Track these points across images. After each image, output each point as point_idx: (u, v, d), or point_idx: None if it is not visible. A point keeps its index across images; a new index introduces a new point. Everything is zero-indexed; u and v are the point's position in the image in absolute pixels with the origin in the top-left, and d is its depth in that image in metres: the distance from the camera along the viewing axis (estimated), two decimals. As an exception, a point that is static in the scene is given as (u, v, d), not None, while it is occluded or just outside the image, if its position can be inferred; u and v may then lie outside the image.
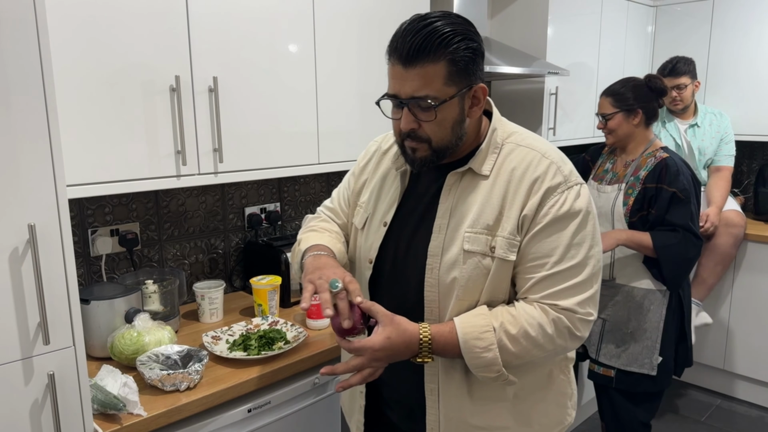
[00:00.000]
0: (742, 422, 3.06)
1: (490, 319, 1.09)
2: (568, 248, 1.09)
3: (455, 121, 1.10)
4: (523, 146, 1.15)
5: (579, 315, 1.10)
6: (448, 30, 1.03)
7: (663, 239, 2.00)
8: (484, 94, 1.11)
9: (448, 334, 1.10)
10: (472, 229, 1.12)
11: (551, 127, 2.92)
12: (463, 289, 1.13)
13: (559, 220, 1.09)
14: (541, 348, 1.10)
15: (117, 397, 1.31)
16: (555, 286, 1.09)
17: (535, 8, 2.83)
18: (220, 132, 1.69)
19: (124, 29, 1.48)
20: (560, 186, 1.10)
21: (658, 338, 2.10)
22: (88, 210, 1.83)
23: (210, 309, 1.89)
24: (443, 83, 1.05)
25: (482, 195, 1.13)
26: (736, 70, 3.28)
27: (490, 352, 1.08)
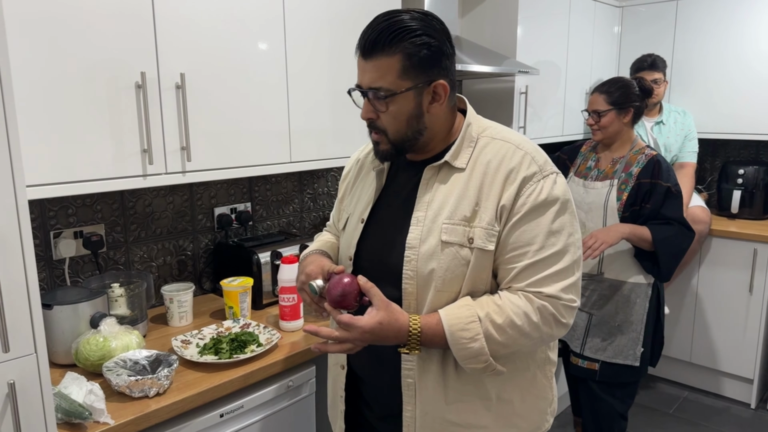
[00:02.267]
0: (708, 413, 3.14)
1: (475, 309, 1.10)
2: (548, 236, 1.11)
3: (411, 115, 1.13)
4: (498, 139, 1.18)
5: (563, 301, 1.12)
6: (405, 26, 1.07)
7: (661, 232, 2.07)
8: (445, 92, 1.13)
9: (435, 326, 1.11)
10: (449, 221, 1.14)
11: (521, 126, 2.94)
12: (441, 280, 1.13)
13: (537, 208, 1.11)
14: (528, 336, 1.11)
15: (82, 405, 1.27)
16: (538, 274, 1.11)
17: (505, 7, 2.85)
18: (188, 130, 1.64)
19: (87, 24, 1.43)
20: (536, 175, 1.12)
21: (642, 330, 2.17)
22: (50, 211, 1.77)
23: (179, 312, 1.84)
24: (397, 76, 1.09)
25: (459, 187, 1.15)
26: (699, 70, 3.35)
27: (476, 342, 1.09)
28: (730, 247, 3.11)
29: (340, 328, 1.10)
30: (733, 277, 3.13)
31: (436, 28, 1.11)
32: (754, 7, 3.13)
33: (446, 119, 1.18)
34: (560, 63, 3.16)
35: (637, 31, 3.56)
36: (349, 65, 2.07)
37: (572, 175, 2.31)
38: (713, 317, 3.22)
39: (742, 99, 3.23)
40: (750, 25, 3.15)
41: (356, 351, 1.14)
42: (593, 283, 2.22)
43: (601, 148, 2.27)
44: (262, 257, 1.99)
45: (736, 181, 3.32)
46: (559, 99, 3.21)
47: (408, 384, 1.21)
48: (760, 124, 3.19)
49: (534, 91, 2.99)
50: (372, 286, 1.13)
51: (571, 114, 3.31)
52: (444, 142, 1.20)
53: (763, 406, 3.17)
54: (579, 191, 2.24)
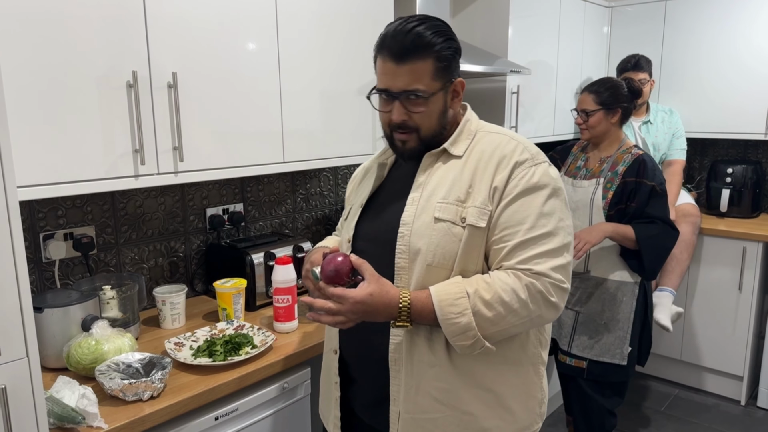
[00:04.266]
0: (699, 410, 3.16)
1: (464, 285, 1.14)
2: (539, 216, 1.16)
3: (440, 112, 1.23)
4: (494, 133, 1.27)
5: (552, 279, 1.14)
6: (434, 31, 1.17)
7: (645, 231, 2.09)
8: (462, 88, 1.24)
9: (425, 299, 1.14)
10: (443, 201, 1.20)
11: (513, 126, 2.95)
12: (432, 255, 1.18)
13: (529, 190, 1.17)
14: (516, 314, 1.13)
15: (75, 410, 1.25)
16: (528, 252, 1.14)
17: (496, 7, 2.85)
18: (180, 130, 1.62)
19: (77, 23, 1.40)
20: (528, 161, 1.19)
21: (629, 329, 2.19)
22: (39, 213, 1.74)
23: (172, 314, 1.82)
24: (431, 78, 1.18)
25: (455, 172, 1.22)
26: (688, 70, 3.38)
27: (464, 317, 1.11)
28: (720, 245, 3.14)
29: (333, 300, 1.14)
30: (722, 275, 3.15)
31: (452, 31, 1.22)
32: (742, 8, 3.15)
33: (457, 113, 1.29)
34: (551, 63, 3.17)
35: (627, 31, 3.59)
36: (343, 65, 2.06)
37: (562, 174, 2.34)
38: (703, 315, 3.25)
39: (730, 98, 3.25)
40: (738, 25, 3.18)
41: (348, 326, 1.16)
42: (580, 281, 2.24)
43: (591, 147, 2.30)
44: (255, 258, 1.98)
45: (724, 180, 3.35)
46: (550, 99, 3.22)
47: (394, 359, 1.23)
48: (747, 123, 3.22)
49: (525, 91, 3.00)
50: (363, 261, 1.17)
51: (562, 114, 3.32)
52: (447, 136, 1.28)
53: (753, 403, 3.20)
54: (568, 190, 2.27)
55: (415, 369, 1.22)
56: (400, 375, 1.24)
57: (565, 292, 1.17)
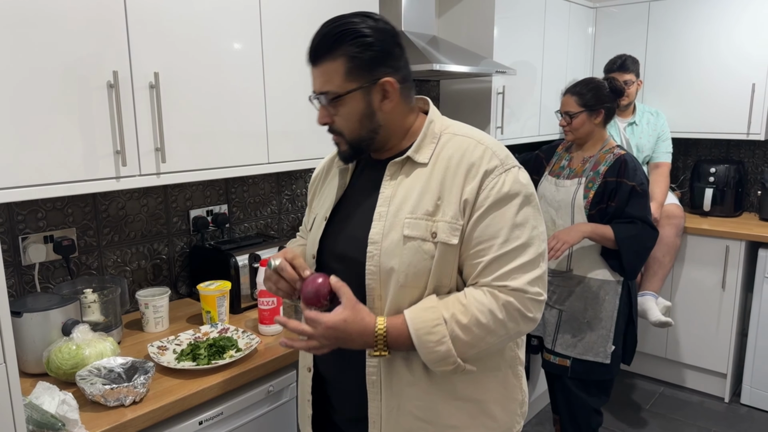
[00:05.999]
0: (684, 408, 3.19)
1: (440, 311, 1.10)
2: (512, 228, 1.11)
3: (363, 115, 1.15)
4: (460, 135, 1.19)
5: (529, 295, 1.11)
6: (344, 29, 1.10)
7: (624, 231, 2.09)
8: (393, 88, 1.14)
9: (401, 326, 1.11)
10: (412, 215, 1.14)
11: (499, 126, 2.96)
12: (404, 275, 1.13)
13: (501, 201, 1.12)
14: (494, 333, 1.11)
15: (55, 416, 1.23)
16: (503, 267, 1.11)
17: (482, 8, 2.86)
18: (163, 130, 1.60)
19: (55, 21, 1.38)
20: (497, 168, 1.13)
21: (612, 327, 2.19)
22: (18, 215, 1.71)
23: (155, 318, 1.80)
24: (342, 79, 1.12)
25: (421, 182, 1.16)
26: (672, 71, 3.41)
27: (443, 345, 1.09)
28: (703, 244, 3.17)
29: (307, 323, 1.12)
30: (706, 273, 3.18)
31: (380, 28, 1.13)
32: (724, 9, 3.19)
33: (403, 117, 1.20)
34: (536, 63, 3.18)
35: (611, 32, 3.61)
36: (327, 65, 2.05)
37: (546, 174, 2.34)
38: (687, 313, 3.28)
39: (713, 99, 3.29)
40: (720, 27, 3.21)
41: (323, 351, 1.14)
42: (562, 279, 2.25)
43: (575, 147, 2.30)
44: (240, 260, 1.96)
45: (707, 179, 3.38)
46: (536, 99, 3.23)
47: (372, 381, 1.20)
48: (730, 123, 3.25)
49: (511, 92, 3.01)
50: (343, 285, 1.14)
51: (547, 114, 3.34)
52: (406, 141, 1.21)
53: (736, 400, 3.24)
54: (551, 189, 2.28)
55: (394, 390, 1.19)
56: (379, 397, 1.20)
57: (542, 304, 1.14)
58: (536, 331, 2.38)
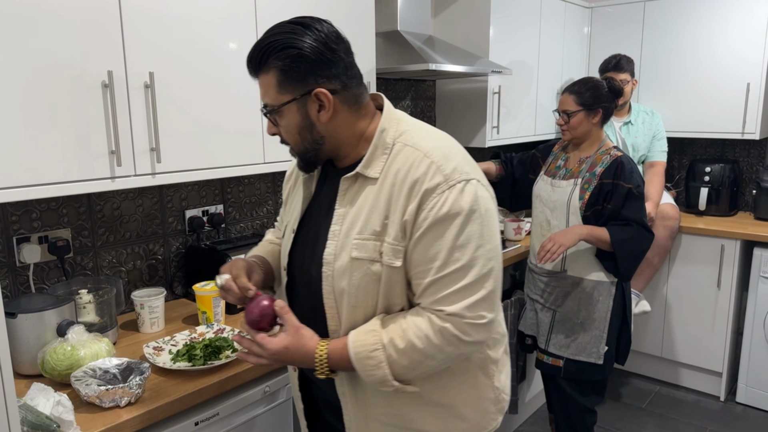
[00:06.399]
0: (680, 407, 3.20)
1: (380, 335, 1.10)
2: (451, 251, 1.07)
3: (301, 127, 1.12)
4: (410, 146, 1.13)
5: (467, 320, 1.08)
6: (272, 41, 1.07)
7: (619, 233, 2.08)
8: (328, 99, 1.09)
9: (341, 351, 1.12)
10: (360, 236, 1.12)
11: (495, 126, 2.96)
12: (355, 297, 1.13)
13: (439, 222, 1.07)
14: (432, 358, 1.10)
15: (50, 418, 1.22)
16: (441, 292, 1.08)
17: (478, 7, 2.86)
18: (158, 130, 1.60)
19: (49, 21, 1.37)
20: (439, 186, 1.07)
21: (605, 328, 2.19)
22: (12, 216, 1.70)
23: (150, 318, 1.79)
24: (276, 91, 1.10)
25: (371, 200, 1.13)
26: (667, 70, 3.42)
27: (380, 369, 1.10)
28: (698, 243, 3.18)
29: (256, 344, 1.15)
30: (701, 272, 3.19)
31: (314, 36, 1.08)
32: (719, 9, 3.20)
33: (350, 125, 1.15)
34: (532, 63, 3.19)
35: (607, 32, 3.62)
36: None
37: (542, 174, 2.33)
38: (683, 312, 3.29)
39: (708, 98, 3.30)
40: (715, 27, 3.22)
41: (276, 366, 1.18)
42: (557, 280, 2.24)
43: (571, 147, 2.29)
44: (236, 260, 1.95)
45: (703, 178, 3.39)
46: (531, 99, 3.23)
47: (342, 392, 1.23)
48: (724, 123, 3.27)
49: (507, 92, 3.01)
50: (286, 312, 1.16)
51: (543, 114, 3.34)
52: (362, 147, 1.17)
53: (732, 399, 3.25)
54: (547, 189, 2.27)
55: (359, 398, 1.21)
56: (348, 406, 1.23)
57: (486, 327, 1.10)
58: (530, 331, 2.39)
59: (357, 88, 1.14)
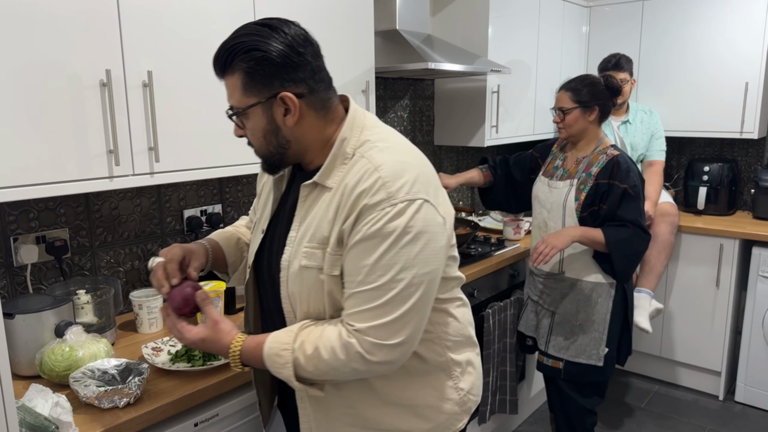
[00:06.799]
0: (679, 406, 3.20)
1: (293, 337, 1.11)
2: (373, 269, 1.05)
3: (266, 131, 1.11)
4: (365, 158, 1.10)
5: (371, 339, 1.05)
6: (238, 43, 1.06)
7: (615, 234, 2.05)
8: (293, 104, 1.08)
9: (255, 348, 1.13)
10: (309, 244, 1.13)
11: (494, 125, 2.95)
12: (306, 303, 1.15)
13: (369, 239, 1.05)
14: (337, 371, 1.09)
15: (48, 419, 1.21)
16: (356, 307, 1.07)
17: (477, 6, 2.85)
18: (156, 129, 1.59)
19: (47, 19, 1.36)
20: (380, 204, 1.04)
21: (605, 330, 2.17)
22: (9, 216, 1.69)
23: (149, 319, 1.78)
24: (241, 94, 1.09)
25: (323, 209, 1.13)
26: (665, 69, 3.42)
27: (285, 369, 1.10)
28: (697, 242, 3.18)
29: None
30: (700, 272, 3.19)
31: (281, 39, 1.06)
32: (718, 8, 3.20)
33: (317, 129, 1.13)
34: (530, 62, 3.18)
35: (605, 31, 3.62)
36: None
37: (540, 174, 2.31)
38: (681, 312, 3.29)
39: (706, 98, 3.30)
40: (713, 25, 3.22)
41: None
42: (554, 281, 2.23)
43: (569, 147, 2.26)
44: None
45: (701, 178, 3.39)
46: (530, 98, 3.23)
47: (300, 397, 1.24)
48: (723, 122, 3.27)
49: (505, 91, 3.01)
50: (207, 303, 1.19)
51: (542, 113, 3.34)
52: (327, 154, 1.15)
53: (731, 398, 3.25)
54: (544, 190, 2.25)
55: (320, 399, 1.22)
56: (308, 411, 1.24)
57: (391, 348, 1.07)
58: (530, 332, 2.38)
59: (324, 92, 1.12)
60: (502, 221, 3.15)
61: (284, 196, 1.25)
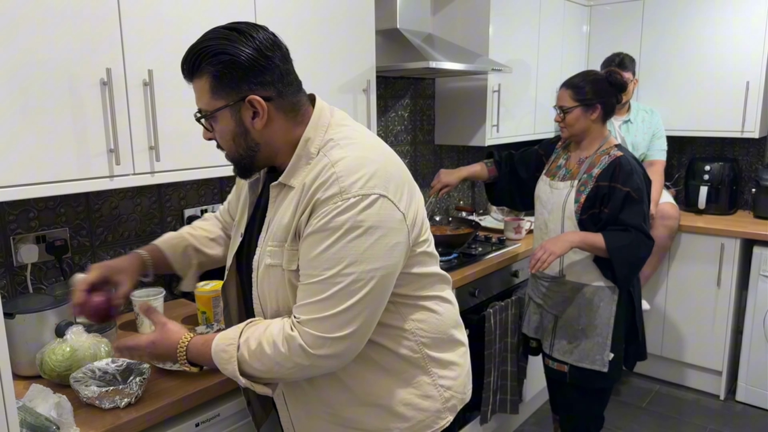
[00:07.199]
0: (680, 405, 3.20)
1: (239, 332, 1.12)
2: (319, 261, 1.06)
3: (235, 134, 1.12)
4: (326, 156, 1.11)
5: (313, 332, 1.05)
6: (204, 46, 1.06)
7: (616, 240, 1.97)
8: (262, 107, 1.08)
9: (203, 345, 1.15)
10: (272, 243, 1.15)
11: (495, 124, 2.95)
12: (275, 301, 1.16)
13: (319, 232, 1.06)
14: (282, 366, 1.08)
15: (49, 419, 1.21)
16: (304, 299, 1.08)
17: (477, 5, 2.85)
18: (157, 129, 1.58)
19: (48, 19, 1.36)
20: (332, 198, 1.05)
21: (608, 335, 2.10)
22: (10, 215, 1.68)
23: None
24: (210, 97, 1.09)
25: (285, 207, 1.14)
26: (666, 69, 3.42)
27: (230, 364, 1.11)
28: (698, 242, 3.17)
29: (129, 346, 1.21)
30: (701, 271, 3.19)
31: (248, 43, 1.06)
32: (718, 7, 3.20)
33: (286, 132, 1.13)
34: (531, 61, 3.18)
35: (605, 30, 3.61)
36: (322, 62, 2.03)
37: (542, 174, 2.26)
38: (683, 311, 3.29)
39: (707, 97, 3.30)
40: (715, 25, 3.22)
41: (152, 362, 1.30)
42: (556, 284, 2.18)
43: (573, 146, 2.18)
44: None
45: (702, 177, 3.39)
46: (531, 97, 3.23)
47: (277, 394, 1.25)
48: (724, 121, 3.27)
49: (506, 90, 3.00)
50: (152, 312, 1.24)
51: (543, 112, 3.34)
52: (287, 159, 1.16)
53: (732, 397, 3.25)
54: (546, 191, 2.19)
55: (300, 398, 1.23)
56: (285, 408, 1.26)
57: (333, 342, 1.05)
58: (533, 334, 2.35)
59: (294, 95, 1.13)
60: (502, 221, 3.14)
61: (259, 199, 1.27)
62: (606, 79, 2.09)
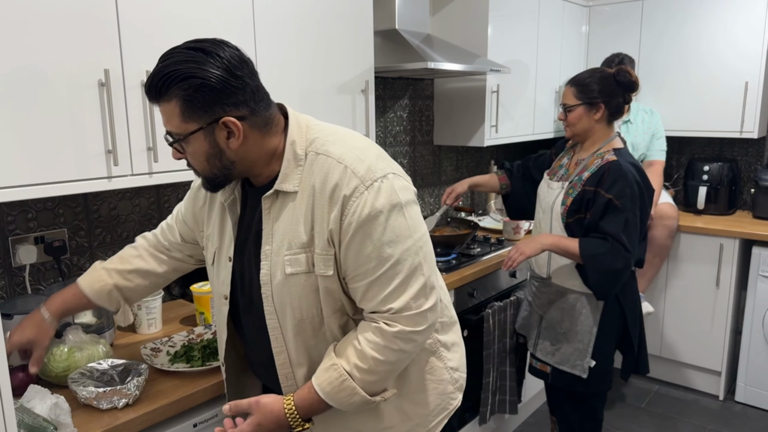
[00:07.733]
0: (679, 406, 3.19)
1: (341, 366, 1.12)
2: (382, 249, 1.08)
3: (209, 155, 1.10)
4: (321, 154, 1.13)
5: (413, 311, 1.11)
6: (172, 70, 1.02)
7: (591, 247, 1.90)
8: (237, 128, 1.07)
9: (308, 396, 1.13)
10: (290, 251, 1.13)
11: (493, 125, 2.95)
12: (299, 310, 1.16)
13: (364, 224, 1.07)
14: (397, 363, 1.13)
15: (47, 420, 1.20)
16: (384, 290, 1.10)
17: (476, 5, 2.85)
18: (155, 129, 1.58)
19: (45, 19, 1.36)
20: (357, 189, 1.08)
21: (590, 342, 2.04)
22: (8, 216, 1.68)
23: (148, 319, 1.78)
24: (180, 120, 1.06)
25: (293, 213, 1.13)
26: (664, 69, 3.42)
27: (356, 395, 1.12)
28: (697, 242, 3.17)
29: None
30: (700, 271, 3.19)
31: (217, 63, 1.03)
32: (717, 7, 3.20)
33: (260, 146, 1.13)
34: (530, 62, 3.18)
35: (604, 31, 3.61)
36: (320, 64, 2.03)
37: (545, 172, 2.23)
38: (682, 312, 3.29)
39: (706, 97, 3.30)
40: (713, 25, 3.22)
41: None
42: (542, 285, 2.17)
43: (578, 146, 2.12)
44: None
45: (701, 177, 3.39)
46: (529, 98, 3.23)
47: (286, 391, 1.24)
48: (723, 122, 3.26)
49: (505, 90, 3.00)
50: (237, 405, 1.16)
51: (542, 113, 3.34)
52: (275, 164, 1.15)
53: (731, 398, 3.25)
54: (544, 189, 2.16)
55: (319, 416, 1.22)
56: None
57: (432, 311, 1.13)
58: (522, 331, 2.34)
59: (266, 110, 1.12)
60: (501, 221, 3.14)
61: (241, 218, 1.24)
62: (614, 77, 2.00)
